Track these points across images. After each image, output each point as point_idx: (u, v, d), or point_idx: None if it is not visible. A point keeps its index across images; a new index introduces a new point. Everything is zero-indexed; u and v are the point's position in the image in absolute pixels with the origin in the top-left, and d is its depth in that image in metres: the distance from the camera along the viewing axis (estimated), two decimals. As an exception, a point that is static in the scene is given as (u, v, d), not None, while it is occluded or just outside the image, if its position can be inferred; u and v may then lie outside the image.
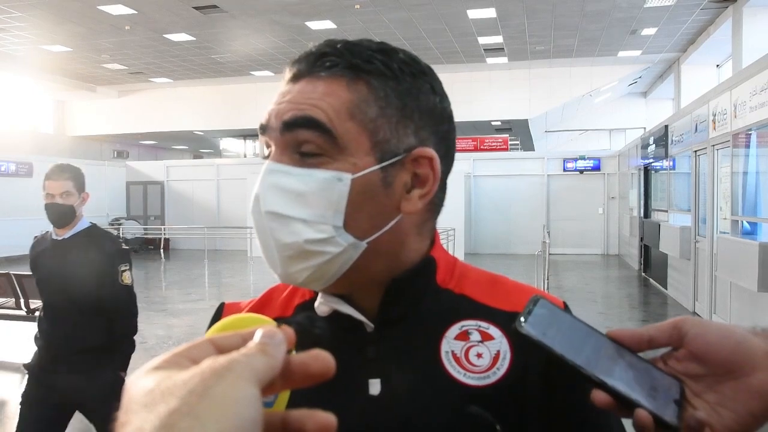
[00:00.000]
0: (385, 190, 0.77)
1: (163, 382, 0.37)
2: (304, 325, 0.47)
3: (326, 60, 0.77)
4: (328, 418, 0.41)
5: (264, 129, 0.79)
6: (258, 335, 0.42)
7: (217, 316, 0.92)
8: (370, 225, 0.76)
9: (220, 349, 0.42)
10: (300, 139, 0.74)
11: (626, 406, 0.55)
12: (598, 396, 0.55)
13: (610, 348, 0.58)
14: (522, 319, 0.58)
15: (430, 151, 0.78)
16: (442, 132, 0.82)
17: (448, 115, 0.83)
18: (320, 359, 0.43)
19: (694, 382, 0.57)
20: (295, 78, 0.78)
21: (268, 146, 0.80)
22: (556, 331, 0.58)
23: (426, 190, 0.79)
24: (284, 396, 0.48)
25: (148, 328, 8.82)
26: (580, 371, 0.56)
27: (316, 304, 0.82)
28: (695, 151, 9.73)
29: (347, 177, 0.74)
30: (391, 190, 0.77)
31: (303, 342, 0.46)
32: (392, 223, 0.78)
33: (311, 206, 0.74)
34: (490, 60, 18.89)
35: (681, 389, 0.57)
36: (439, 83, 0.83)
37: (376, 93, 0.76)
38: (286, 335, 0.43)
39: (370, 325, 0.80)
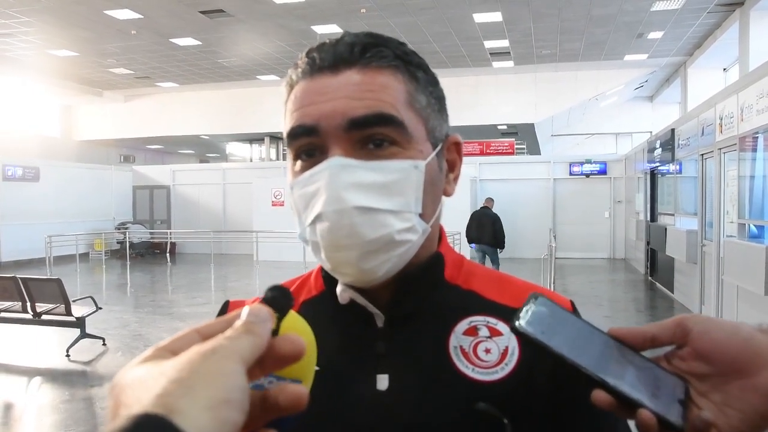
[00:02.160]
0: (440, 175, 0.82)
1: (153, 369, 0.39)
2: (278, 299, 0.47)
3: (377, 51, 0.76)
4: (299, 389, 0.43)
5: (308, 131, 0.75)
6: (244, 314, 0.43)
7: (222, 314, 0.91)
8: (432, 209, 0.80)
9: (205, 336, 0.43)
10: (369, 134, 0.74)
11: (629, 406, 0.53)
12: (599, 396, 0.54)
13: (611, 346, 0.56)
14: (519, 316, 0.56)
15: (458, 137, 0.85)
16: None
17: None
18: (289, 341, 0.44)
19: (699, 382, 0.55)
20: (334, 68, 0.76)
21: (304, 149, 0.77)
22: (556, 329, 0.56)
23: (456, 174, 0.86)
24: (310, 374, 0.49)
25: (153, 331, 8.83)
26: (581, 370, 0.54)
27: (339, 290, 0.82)
28: (702, 155, 9.69)
29: (422, 164, 0.77)
30: (442, 175, 0.83)
31: (279, 318, 0.46)
32: (440, 206, 0.83)
33: (396, 196, 0.75)
34: (496, 64, 18.89)
35: (686, 389, 0.55)
36: None
37: (422, 83, 0.79)
38: (270, 316, 0.45)
39: (381, 316, 0.81)
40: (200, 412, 0.35)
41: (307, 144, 0.76)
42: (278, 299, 0.47)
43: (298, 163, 0.78)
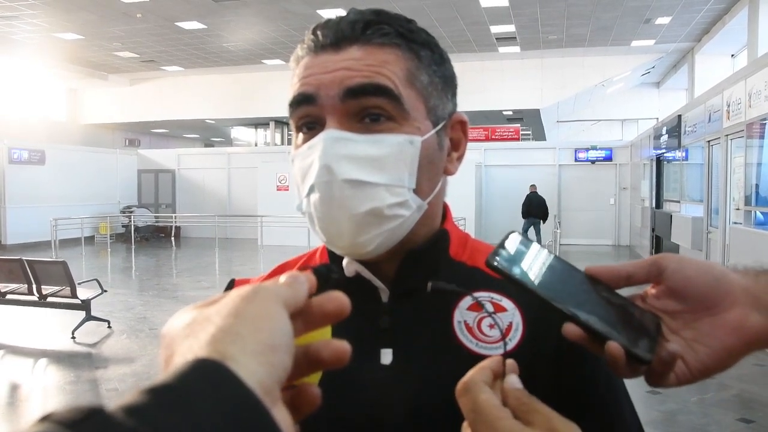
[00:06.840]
0: (440, 153, 0.82)
1: (198, 316, 0.39)
2: (322, 272, 0.48)
3: (378, 28, 0.77)
4: (343, 345, 0.43)
5: (308, 99, 0.76)
6: (283, 276, 0.44)
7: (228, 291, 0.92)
8: (429, 187, 0.80)
9: None
10: (365, 105, 0.75)
11: (599, 340, 0.54)
12: (570, 329, 0.54)
13: (586, 284, 0.57)
14: (494, 252, 0.56)
15: (464, 116, 0.85)
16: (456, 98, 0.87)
17: (456, 83, 0.88)
18: (334, 299, 0.44)
19: (671, 319, 0.57)
20: (336, 45, 0.77)
21: (305, 122, 0.78)
22: (532, 266, 0.57)
23: (460, 153, 0.86)
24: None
25: (158, 314, 8.88)
26: (552, 305, 0.54)
27: (345, 263, 0.82)
28: (708, 141, 9.65)
29: (418, 140, 0.77)
30: (442, 153, 0.83)
31: (322, 288, 0.47)
32: (440, 185, 0.83)
33: (388, 170, 0.75)
34: (502, 49, 18.77)
35: (657, 325, 0.56)
36: None
37: (425, 62, 0.80)
38: (308, 278, 0.45)
39: (386, 291, 0.82)
40: (250, 357, 0.35)
41: (306, 114, 0.77)
42: (320, 269, 0.48)
43: (300, 136, 0.79)
